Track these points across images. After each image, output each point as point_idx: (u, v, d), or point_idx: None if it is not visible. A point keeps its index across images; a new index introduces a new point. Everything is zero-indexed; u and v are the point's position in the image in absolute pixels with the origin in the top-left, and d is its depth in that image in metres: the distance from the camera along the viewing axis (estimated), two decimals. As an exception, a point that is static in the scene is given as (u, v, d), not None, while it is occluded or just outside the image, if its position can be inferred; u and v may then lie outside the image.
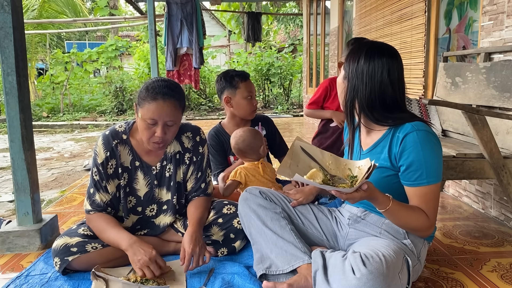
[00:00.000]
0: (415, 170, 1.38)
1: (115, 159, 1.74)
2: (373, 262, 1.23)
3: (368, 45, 1.48)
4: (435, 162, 1.38)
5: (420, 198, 1.39)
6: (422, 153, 1.36)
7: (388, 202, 1.33)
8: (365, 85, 1.43)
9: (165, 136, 1.66)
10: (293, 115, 10.06)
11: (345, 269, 1.24)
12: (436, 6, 3.23)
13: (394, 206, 1.34)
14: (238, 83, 2.39)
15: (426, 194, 1.39)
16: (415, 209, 1.39)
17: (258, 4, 13.55)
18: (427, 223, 1.39)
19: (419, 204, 1.39)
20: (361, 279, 1.19)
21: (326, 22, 6.91)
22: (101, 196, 1.72)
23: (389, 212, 1.35)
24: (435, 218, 1.42)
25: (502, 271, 1.73)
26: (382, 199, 1.33)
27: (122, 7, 19.92)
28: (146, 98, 1.63)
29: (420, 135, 1.37)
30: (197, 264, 1.60)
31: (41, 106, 10.96)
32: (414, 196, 1.41)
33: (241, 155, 2.27)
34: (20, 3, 1.99)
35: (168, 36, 6.01)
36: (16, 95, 1.95)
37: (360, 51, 1.47)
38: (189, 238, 1.62)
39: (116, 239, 1.62)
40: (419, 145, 1.36)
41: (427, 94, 3.35)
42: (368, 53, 1.45)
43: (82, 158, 5.17)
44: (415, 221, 1.38)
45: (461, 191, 2.79)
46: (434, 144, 1.39)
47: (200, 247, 1.62)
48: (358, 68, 1.45)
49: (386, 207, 1.33)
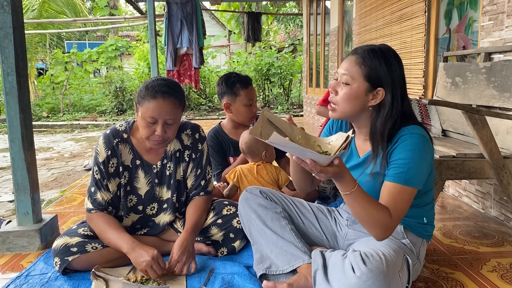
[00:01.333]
0: (397, 167, 1.33)
1: (116, 158, 1.74)
2: (373, 261, 1.23)
3: (387, 48, 1.41)
4: (420, 167, 1.33)
5: (391, 196, 1.32)
6: (410, 154, 1.32)
7: (354, 184, 1.26)
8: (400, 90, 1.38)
9: (165, 134, 1.66)
10: (293, 115, 10.07)
11: (345, 267, 1.24)
12: (436, 6, 3.23)
13: (359, 191, 1.27)
14: (239, 90, 2.35)
15: (398, 193, 1.32)
16: (380, 204, 1.31)
17: (258, 4, 13.56)
18: (388, 222, 1.29)
19: (387, 202, 1.31)
20: (361, 278, 1.19)
21: (326, 22, 6.91)
22: (102, 195, 1.73)
23: (352, 197, 1.27)
24: (398, 221, 1.32)
25: (502, 271, 1.73)
26: (349, 180, 1.26)
27: (122, 7, 19.92)
28: (146, 96, 1.63)
29: (414, 138, 1.33)
30: (180, 271, 1.61)
31: (41, 106, 10.97)
32: (386, 192, 1.33)
33: (245, 156, 2.29)
34: (20, 3, 1.99)
35: (168, 36, 6.01)
36: (16, 95, 1.95)
37: (385, 55, 1.38)
38: (179, 245, 1.64)
39: (117, 242, 1.62)
40: (409, 147, 1.33)
41: (427, 94, 3.35)
42: (396, 56, 1.39)
43: (82, 158, 5.18)
44: (376, 216, 1.28)
45: (461, 191, 2.79)
46: (424, 149, 1.34)
47: (188, 257, 1.63)
48: (395, 75, 1.37)
49: (351, 189, 1.26)
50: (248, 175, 2.19)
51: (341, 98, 1.40)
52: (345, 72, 1.39)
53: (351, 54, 1.42)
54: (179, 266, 1.61)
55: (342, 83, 1.40)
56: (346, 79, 1.38)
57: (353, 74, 1.38)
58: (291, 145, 1.16)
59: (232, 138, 2.48)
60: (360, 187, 1.29)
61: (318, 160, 1.18)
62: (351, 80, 1.38)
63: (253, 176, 2.19)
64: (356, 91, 1.38)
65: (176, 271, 1.61)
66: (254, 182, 2.17)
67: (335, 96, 1.41)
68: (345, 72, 1.39)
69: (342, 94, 1.39)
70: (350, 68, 1.39)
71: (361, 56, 1.38)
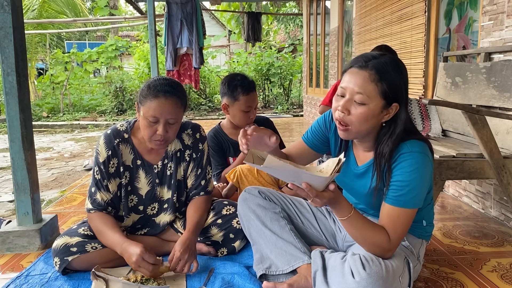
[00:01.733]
0: (396, 189, 1.29)
1: (117, 158, 1.74)
2: (373, 266, 1.22)
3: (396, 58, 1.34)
4: (420, 188, 1.29)
5: (390, 219, 1.29)
6: (409, 177, 1.27)
7: (350, 209, 1.25)
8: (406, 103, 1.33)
9: (167, 134, 1.66)
10: (293, 115, 10.06)
11: (345, 272, 1.23)
12: (436, 6, 3.23)
13: (355, 216, 1.26)
14: (239, 95, 2.33)
15: (398, 217, 1.29)
16: (378, 227, 1.28)
17: (258, 4, 13.55)
18: (386, 246, 1.27)
19: (387, 225, 1.29)
20: (360, 283, 1.18)
21: (326, 22, 6.91)
22: (102, 195, 1.73)
23: (348, 222, 1.26)
24: (397, 244, 1.30)
25: (502, 271, 1.73)
26: (345, 205, 1.24)
27: (122, 7, 19.92)
28: (147, 96, 1.63)
29: (414, 157, 1.28)
30: (181, 269, 1.60)
31: (41, 106, 10.97)
32: (385, 215, 1.31)
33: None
34: (20, 3, 1.99)
35: (168, 36, 6.01)
36: (16, 95, 1.94)
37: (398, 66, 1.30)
38: (181, 243, 1.63)
39: (112, 244, 1.62)
40: (408, 168, 1.28)
41: (427, 94, 3.35)
42: (403, 64, 1.33)
43: (82, 158, 5.17)
44: (373, 239, 1.27)
45: (461, 191, 2.79)
46: (424, 168, 1.29)
47: (190, 255, 1.62)
48: (407, 86, 1.31)
49: (348, 215, 1.25)
50: (249, 175, 2.19)
51: (357, 119, 1.28)
52: (360, 91, 1.26)
53: (361, 68, 1.28)
54: (180, 264, 1.59)
55: (355, 101, 1.28)
56: (362, 99, 1.26)
57: (369, 93, 1.26)
58: (287, 167, 1.14)
59: (232, 138, 2.48)
60: (356, 212, 1.27)
61: (313, 182, 1.15)
62: (368, 100, 1.26)
63: (254, 177, 2.19)
64: (373, 111, 1.27)
65: (178, 269, 1.60)
66: (254, 183, 2.17)
67: (347, 116, 1.29)
68: (360, 91, 1.26)
69: (358, 115, 1.28)
70: (365, 86, 1.26)
71: (376, 71, 1.26)
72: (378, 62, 1.28)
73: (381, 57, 1.30)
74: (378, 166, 1.34)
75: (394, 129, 1.32)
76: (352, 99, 1.28)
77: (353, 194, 1.56)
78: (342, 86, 1.31)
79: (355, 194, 1.54)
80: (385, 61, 1.29)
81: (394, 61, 1.30)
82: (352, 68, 1.31)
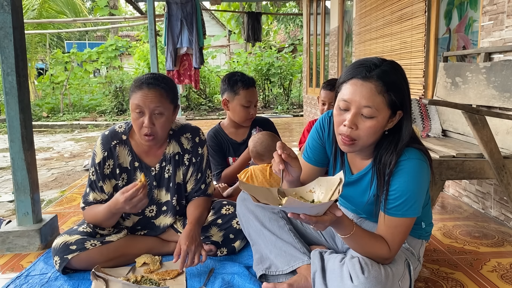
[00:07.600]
0: (394, 199, 1.27)
1: (113, 159, 1.74)
2: (372, 270, 1.21)
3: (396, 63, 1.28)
4: (418, 196, 1.26)
5: (389, 229, 1.28)
6: (406, 185, 1.25)
7: (352, 226, 1.21)
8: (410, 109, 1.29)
9: (154, 127, 1.65)
10: (293, 115, 10.07)
11: (343, 275, 1.22)
12: (436, 6, 3.23)
13: (358, 232, 1.23)
14: (239, 90, 2.35)
15: (396, 227, 1.28)
16: (378, 239, 1.27)
17: (258, 4, 13.55)
18: (386, 255, 1.27)
19: (386, 235, 1.28)
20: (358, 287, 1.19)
21: (326, 22, 6.91)
22: (95, 195, 1.74)
23: (351, 238, 1.23)
24: (397, 251, 1.30)
25: (502, 271, 1.73)
26: (347, 224, 1.21)
27: (122, 7, 19.92)
28: (133, 89, 1.67)
29: (411, 164, 1.25)
30: (192, 262, 1.57)
31: (41, 106, 10.96)
32: (384, 225, 1.30)
33: (258, 158, 2.21)
34: (20, 3, 1.99)
35: (168, 36, 6.01)
36: (16, 95, 1.94)
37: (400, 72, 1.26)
38: (185, 236, 1.62)
39: (104, 212, 1.63)
40: (406, 176, 1.25)
41: (427, 94, 3.35)
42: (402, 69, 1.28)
43: (82, 158, 5.17)
44: (374, 251, 1.26)
45: (461, 191, 2.79)
46: (422, 176, 1.26)
47: (196, 245, 1.61)
48: (408, 93, 1.27)
49: (350, 232, 1.21)
50: (260, 176, 2.15)
51: (365, 133, 1.23)
52: (367, 105, 1.20)
53: (365, 79, 1.21)
54: (190, 257, 1.57)
55: (362, 115, 1.22)
56: (370, 112, 1.21)
57: (378, 106, 1.20)
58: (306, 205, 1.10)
59: (232, 138, 2.48)
60: (358, 228, 1.24)
61: (319, 211, 1.11)
62: (376, 112, 1.21)
63: (265, 178, 2.15)
64: (381, 123, 1.23)
65: (188, 263, 1.57)
66: (263, 184, 2.14)
67: (354, 131, 1.23)
68: (368, 105, 1.20)
69: (366, 129, 1.22)
70: (373, 99, 1.20)
71: (381, 82, 1.20)
72: (382, 72, 1.21)
73: (383, 64, 1.24)
74: (381, 176, 1.30)
75: (399, 137, 1.28)
76: (359, 112, 1.22)
77: (350, 202, 1.54)
78: (345, 99, 1.23)
79: (351, 202, 1.53)
80: (388, 69, 1.23)
81: (395, 67, 1.26)
82: (354, 79, 1.23)
